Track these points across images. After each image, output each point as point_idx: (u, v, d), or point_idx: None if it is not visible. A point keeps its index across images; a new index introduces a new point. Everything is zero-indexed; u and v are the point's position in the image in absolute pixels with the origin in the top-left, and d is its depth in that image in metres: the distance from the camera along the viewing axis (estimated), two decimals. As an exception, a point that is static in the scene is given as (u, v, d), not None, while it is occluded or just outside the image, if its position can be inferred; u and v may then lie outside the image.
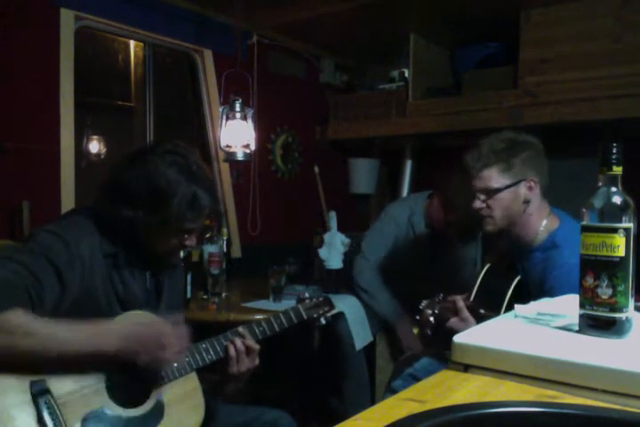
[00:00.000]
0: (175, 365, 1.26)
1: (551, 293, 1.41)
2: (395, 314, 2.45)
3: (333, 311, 1.65)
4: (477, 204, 1.59)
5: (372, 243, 2.57)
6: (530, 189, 1.55)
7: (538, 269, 1.57)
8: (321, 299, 1.62)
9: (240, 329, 1.42)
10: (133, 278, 1.31)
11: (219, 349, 1.37)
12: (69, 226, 1.24)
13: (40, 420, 1.06)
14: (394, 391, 1.82)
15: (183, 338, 1.21)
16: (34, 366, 1.07)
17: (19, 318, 1.03)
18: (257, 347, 1.42)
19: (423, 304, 1.58)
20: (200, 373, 1.38)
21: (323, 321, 1.60)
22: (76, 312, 1.18)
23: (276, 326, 1.49)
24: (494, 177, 1.54)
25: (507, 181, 1.54)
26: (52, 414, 1.08)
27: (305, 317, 1.55)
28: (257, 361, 1.42)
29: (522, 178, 1.54)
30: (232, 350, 1.38)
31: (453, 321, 1.52)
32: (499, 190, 1.54)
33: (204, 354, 1.34)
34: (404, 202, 2.75)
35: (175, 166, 1.26)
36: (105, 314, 1.23)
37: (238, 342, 1.39)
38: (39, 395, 1.08)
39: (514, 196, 1.55)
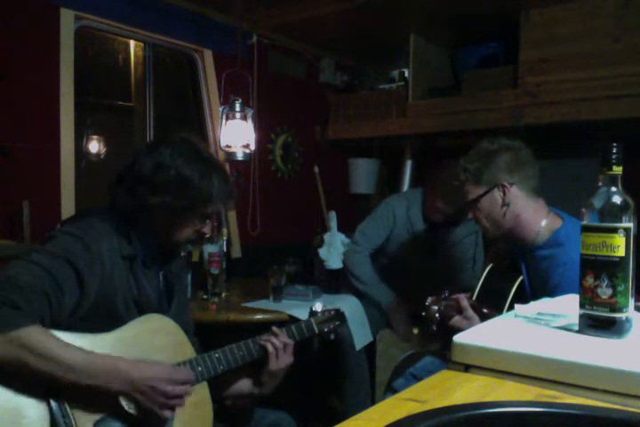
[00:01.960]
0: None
1: (557, 290, 1.42)
2: (387, 298, 2.46)
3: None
4: (470, 215, 1.72)
5: (366, 230, 2.57)
6: (504, 192, 1.61)
7: (542, 267, 1.58)
8: (333, 312, 1.60)
9: (274, 329, 1.45)
10: (147, 281, 1.32)
11: (230, 358, 1.36)
12: (89, 228, 1.24)
13: (53, 422, 1.07)
14: (394, 391, 1.82)
15: (187, 392, 1.20)
16: (43, 381, 1.07)
17: (38, 335, 1.04)
18: (292, 342, 1.45)
19: (429, 301, 1.58)
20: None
21: (332, 336, 1.59)
22: (95, 315, 1.19)
23: None
24: (469, 190, 1.67)
25: (480, 191, 1.64)
26: (65, 417, 1.08)
27: (316, 331, 1.54)
28: (292, 358, 1.45)
29: (493, 184, 1.62)
30: (271, 348, 1.41)
31: (457, 319, 1.53)
32: (476, 201, 1.65)
33: (217, 364, 1.33)
34: (403, 195, 2.77)
35: (192, 153, 1.33)
36: (123, 317, 1.24)
37: (276, 340, 1.41)
38: (53, 397, 1.08)
39: (490, 202, 1.63)
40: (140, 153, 1.34)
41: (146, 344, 1.24)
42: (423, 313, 1.58)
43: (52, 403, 1.08)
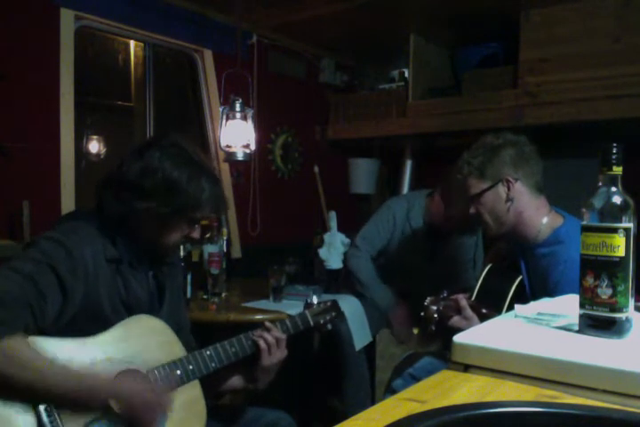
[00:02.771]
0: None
1: (557, 288, 1.42)
2: (388, 301, 2.45)
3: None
4: (471, 210, 1.68)
5: (367, 233, 2.57)
6: (508, 187, 1.59)
7: (542, 265, 1.57)
8: (329, 304, 1.59)
9: (267, 324, 1.44)
10: (136, 282, 1.31)
11: (223, 355, 1.35)
12: (71, 232, 1.22)
13: None
14: (394, 391, 1.82)
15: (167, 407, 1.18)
16: (25, 396, 1.05)
17: (18, 346, 1.02)
18: (284, 337, 1.44)
19: (427, 301, 1.58)
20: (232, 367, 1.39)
21: (329, 327, 1.57)
22: (82, 319, 1.18)
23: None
24: (472, 184, 1.64)
25: (483, 186, 1.62)
26: (52, 422, 1.07)
27: (312, 323, 1.52)
28: (286, 352, 1.44)
29: (497, 179, 1.60)
30: (263, 343, 1.40)
31: (456, 320, 1.53)
32: (479, 195, 1.63)
33: (209, 362, 1.32)
34: (403, 197, 2.77)
35: (180, 157, 1.30)
36: (111, 319, 1.23)
37: (268, 336, 1.41)
38: (42, 402, 1.07)
39: (494, 197, 1.61)
40: (127, 156, 1.31)
41: (134, 345, 1.23)
42: (422, 313, 1.58)
43: (40, 408, 1.06)
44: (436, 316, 1.55)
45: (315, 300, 1.59)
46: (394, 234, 2.56)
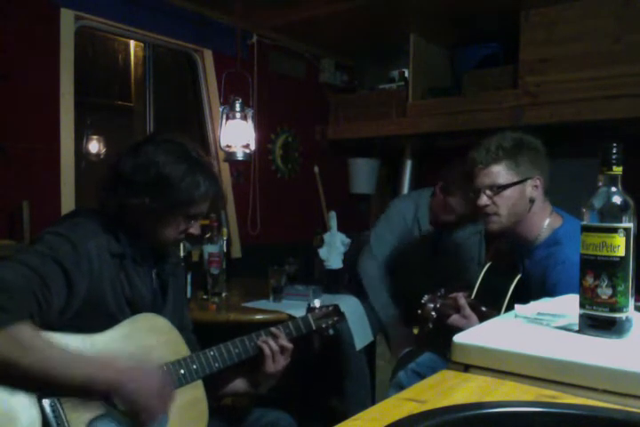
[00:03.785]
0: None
1: (555, 289, 1.41)
2: (389, 318, 2.45)
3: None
4: (483, 200, 1.57)
5: (382, 239, 2.56)
6: (535, 187, 1.57)
7: (540, 266, 1.57)
8: (331, 308, 1.59)
9: (273, 330, 1.44)
10: (139, 279, 1.31)
11: (226, 356, 1.35)
12: (75, 227, 1.23)
13: (45, 423, 1.06)
14: (398, 384, 1.83)
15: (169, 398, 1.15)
16: (32, 383, 1.03)
17: (27, 332, 1.02)
18: (290, 346, 1.43)
19: (425, 299, 1.57)
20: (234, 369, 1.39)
21: (331, 331, 1.57)
22: (87, 313, 1.18)
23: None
24: (502, 173, 1.54)
25: (514, 178, 1.54)
26: (57, 417, 1.07)
27: (314, 327, 1.53)
28: (289, 359, 1.44)
29: (528, 176, 1.55)
30: (267, 350, 1.39)
31: (455, 318, 1.52)
32: (505, 187, 1.54)
33: (212, 362, 1.32)
34: (409, 197, 2.76)
35: (176, 153, 1.30)
36: (115, 315, 1.23)
37: (273, 343, 1.40)
38: (45, 397, 1.07)
39: (520, 193, 1.55)
40: (123, 153, 1.31)
41: (138, 343, 1.24)
42: (419, 311, 1.57)
43: (45, 404, 1.06)
44: (433, 314, 1.55)
45: (317, 304, 1.59)
46: (403, 233, 2.56)
